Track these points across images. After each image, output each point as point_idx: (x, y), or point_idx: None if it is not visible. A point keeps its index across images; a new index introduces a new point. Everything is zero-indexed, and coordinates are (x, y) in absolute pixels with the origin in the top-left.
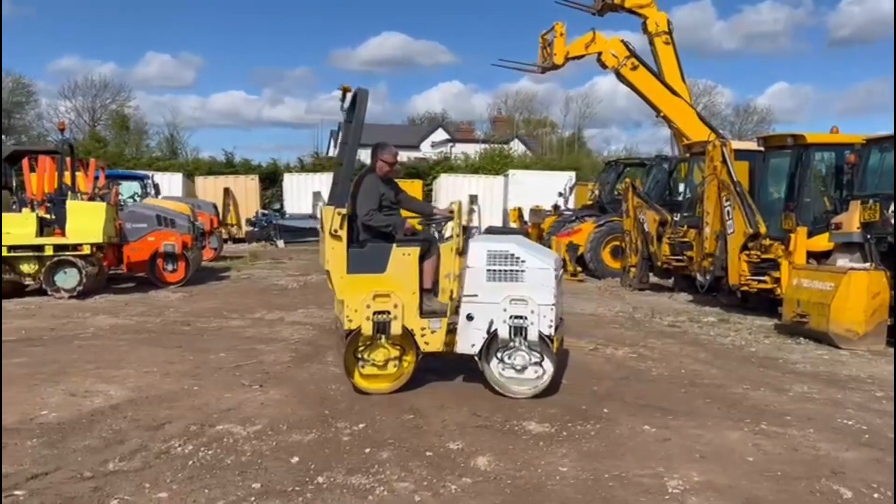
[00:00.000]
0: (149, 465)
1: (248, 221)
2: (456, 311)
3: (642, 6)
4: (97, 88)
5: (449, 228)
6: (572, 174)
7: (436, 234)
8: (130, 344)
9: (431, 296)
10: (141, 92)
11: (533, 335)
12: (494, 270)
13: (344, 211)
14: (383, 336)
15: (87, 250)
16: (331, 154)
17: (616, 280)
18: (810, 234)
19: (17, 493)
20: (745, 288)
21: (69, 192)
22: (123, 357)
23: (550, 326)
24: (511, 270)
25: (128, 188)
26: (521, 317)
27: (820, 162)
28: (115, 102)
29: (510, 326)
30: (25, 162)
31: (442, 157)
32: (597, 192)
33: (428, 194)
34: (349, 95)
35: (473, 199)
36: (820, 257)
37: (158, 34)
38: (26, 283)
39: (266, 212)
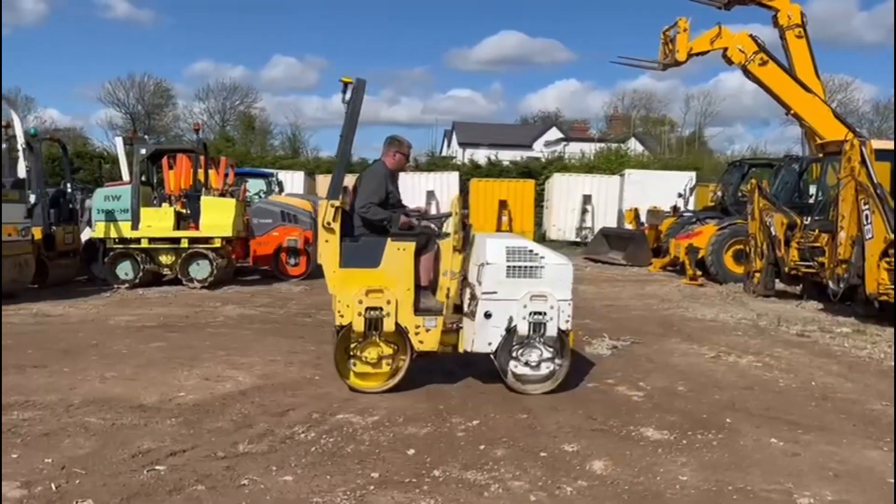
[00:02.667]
0: (275, 448)
1: None
2: (457, 310)
3: None
4: (227, 91)
5: (448, 225)
6: (692, 174)
7: (436, 231)
8: (256, 333)
9: (429, 293)
10: (267, 94)
11: (552, 331)
12: (514, 267)
13: (337, 203)
14: (376, 333)
15: (217, 243)
16: (444, 154)
17: (738, 285)
18: None
19: (158, 468)
20: (885, 297)
21: (203, 189)
22: (250, 345)
23: (567, 322)
24: (531, 266)
25: (254, 185)
26: (541, 313)
27: None
28: (242, 104)
29: (530, 323)
30: (165, 160)
31: (555, 156)
32: (719, 193)
33: (540, 194)
34: (350, 87)
35: (587, 200)
36: None
37: (285, 38)
38: (164, 272)
39: None
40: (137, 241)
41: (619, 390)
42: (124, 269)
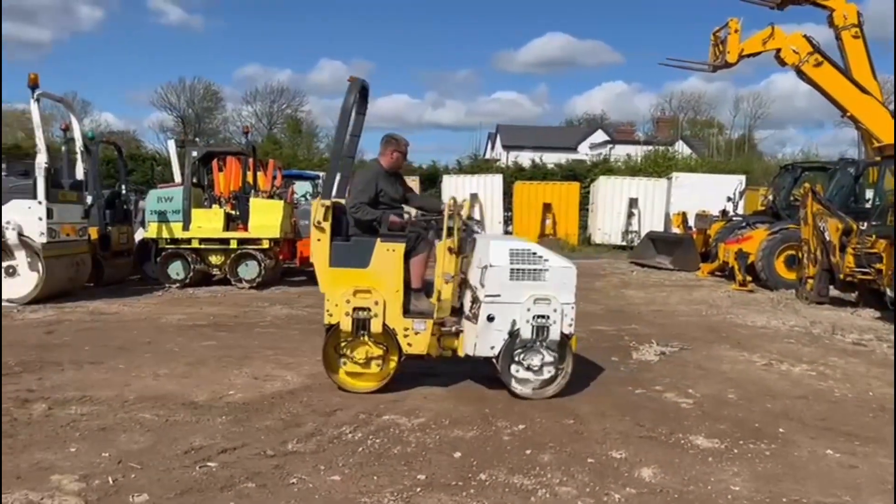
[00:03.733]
0: (323, 448)
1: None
2: (453, 313)
3: None
4: (275, 94)
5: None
6: (742, 178)
7: (432, 232)
8: (303, 333)
9: (421, 295)
10: (313, 97)
11: (555, 335)
12: (518, 269)
13: (328, 202)
14: (365, 333)
15: (265, 245)
16: (488, 157)
17: (790, 292)
18: None
19: (210, 464)
20: None
21: (251, 191)
22: (298, 345)
23: (571, 326)
24: (535, 269)
25: (301, 187)
26: (544, 316)
27: None
28: (290, 107)
29: (533, 326)
30: (215, 163)
31: (600, 158)
32: (770, 197)
33: (585, 197)
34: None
35: (633, 203)
36: None
37: (333, 42)
38: (213, 272)
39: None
40: (188, 241)
41: (668, 397)
42: (175, 269)
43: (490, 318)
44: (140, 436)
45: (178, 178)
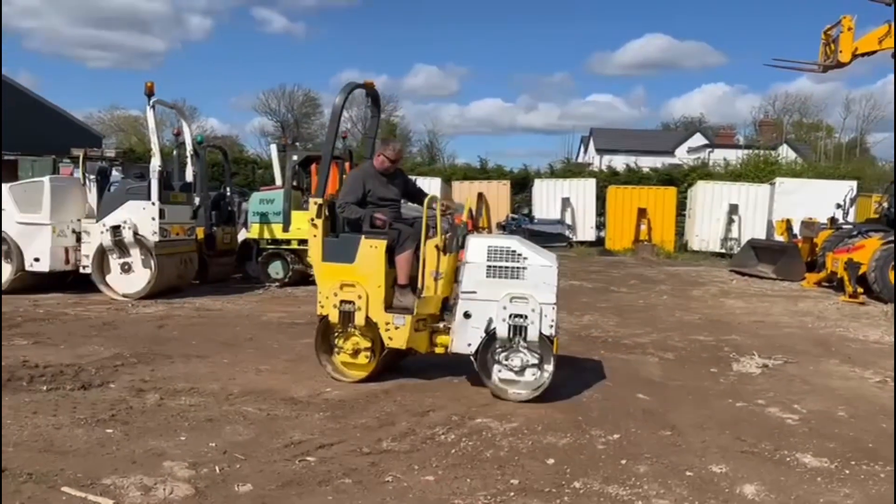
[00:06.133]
0: (416, 448)
1: (499, 225)
2: (449, 309)
3: None
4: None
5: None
6: (853, 184)
7: (420, 230)
8: None
9: (407, 291)
10: (407, 101)
11: (533, 335)
12: (495, 267)
13: (320, 201)
14: (352, 325)
15: None
16: (580, 161)
17: None
18: None
19: (308, 458)
20: None
21: None
22: None
23: (552, 327)
24: (512, 267)
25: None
26: (521, 315)
27: None
28: (384, 111)
29: (510, 325)
30: (314, 166)
31: (699, 163)
32: (885, 204)
33: (682, 202)
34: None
35: (734, 209)
36: None
37: (428, 47)
38: (311, 272)
39: (516, 216)
40: (288, 242)
41: (771, 412)
42: (275, 269)
43: (466, 315)
44: (244, 428)
45: (279, 181)
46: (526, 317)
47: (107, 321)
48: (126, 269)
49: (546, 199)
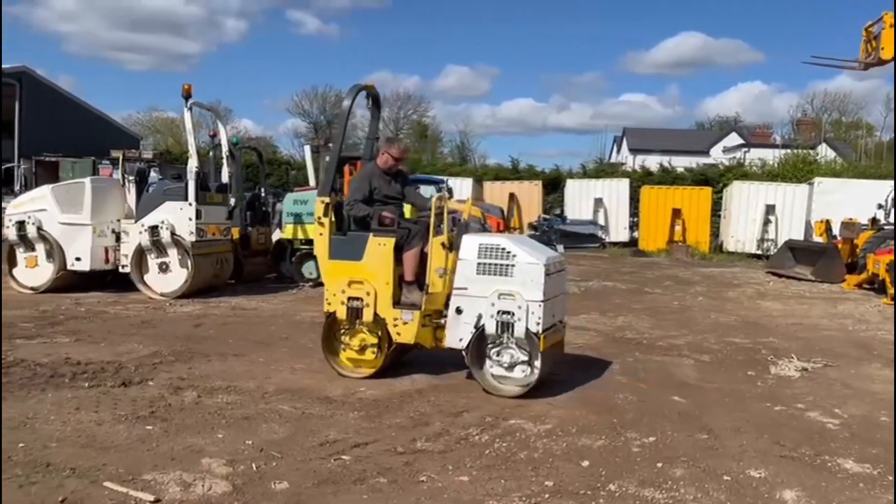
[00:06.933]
0: (450, 448)
1: (531, 225)
2: (446, 306)
3: None
4: (401, 100)
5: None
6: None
7: (422, 228)
8: None
9: (413, 287)
10: (438, 102)
11: (520, 332)
12: (484, 264)
13: (327, 199)
14: (359, 322)
15: None
16: (613, 161)
17: None
18: None
19: (344, 457)
20: None
21: None
22: None
23: (538, 324)
24: (500, 265)
25: (426, 192)
26: (508, 312)
27: None
28: (416, 113)
29: (497, 322)
30: (346, 167)
31: (734, 162)
32: None
33: (717, 203)
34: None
35: (770, 210)
36: None
37: (459, 48)
38: None
39: (548, 217)
40: None
41: (811, 416)
42: (309, 269)
43: (458, 311)
44: (279, 426)
45: (312, 181)
46: (513, 313)
47: (145, 320)
48: (164, 268)
49: (578, 200)
